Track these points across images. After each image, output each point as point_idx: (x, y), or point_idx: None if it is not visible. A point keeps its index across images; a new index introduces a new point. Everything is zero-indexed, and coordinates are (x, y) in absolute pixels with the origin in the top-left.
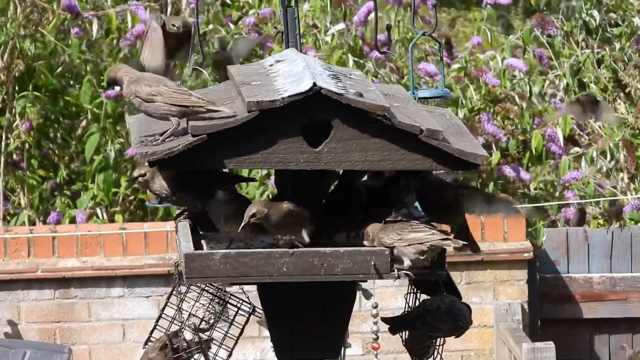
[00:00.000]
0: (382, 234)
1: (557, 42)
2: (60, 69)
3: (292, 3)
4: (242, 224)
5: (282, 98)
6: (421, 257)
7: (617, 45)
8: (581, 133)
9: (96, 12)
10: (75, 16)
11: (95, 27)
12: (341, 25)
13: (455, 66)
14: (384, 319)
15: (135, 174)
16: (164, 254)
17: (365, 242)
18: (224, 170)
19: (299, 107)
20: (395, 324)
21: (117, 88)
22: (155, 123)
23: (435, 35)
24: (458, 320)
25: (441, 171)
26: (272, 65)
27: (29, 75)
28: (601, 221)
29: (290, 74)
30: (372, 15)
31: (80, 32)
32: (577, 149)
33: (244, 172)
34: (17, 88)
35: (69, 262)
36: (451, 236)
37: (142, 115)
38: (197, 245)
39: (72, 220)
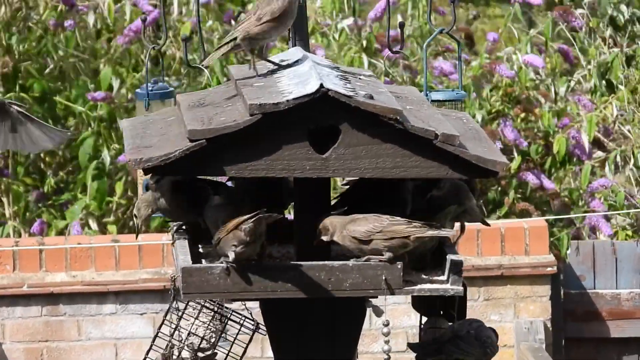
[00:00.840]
0: (351, 227)
1: (579, 37)
2: (49, 68)
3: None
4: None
5: (287, 100)
6: (400, 251)
7: None
8: (606, 140)
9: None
10: (70, 7)
11: (91, 18)
12: (350, 20)
13: (474, 63)
14: (411, 345)
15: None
16: (159, 268)
17: (323, 238)
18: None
19: (305, 110)
20: (427, 350)
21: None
22: (150, 127)
23: (453, 33)
24: (487, 347)
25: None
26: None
27: (15, 74)
28: (630, 232)
29: (296, 74)
30: (381, 6)
31: (74, 25)
32: (600, 153)
33: None
34: (2, 88)
35: (57, 276)
36: (436, 225)
37: (135, 119)
38: (196, 259)
39: (60, 232)
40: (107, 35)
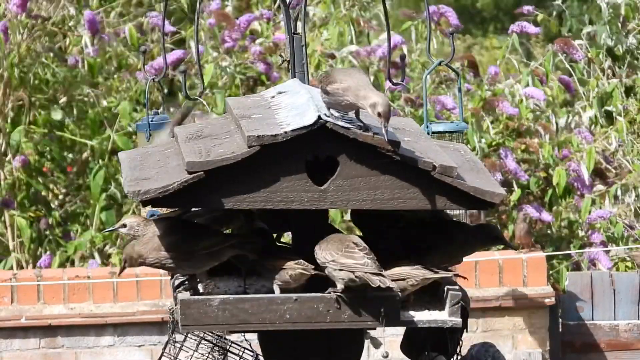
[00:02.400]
0: (317, 248)
1: (579, 67)
2: (62, 101)
3: (300, 30)
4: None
5: (285, 132)
6: (352, 285)
7: None
8: (609, 167)
9: (116, 28)
10: (94, 34)
11: (114, 45)
12: (353, 48)
13: (477, 93)
14: None
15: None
16: (157, 300)
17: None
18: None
19: (303, 141)
20: None
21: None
22: (148, 159)
23: (453, 62)
24: None
25: (455, 211)
26: (274, 97)
27: (32, 106)
28: (629, 264)
29: (294, 106)
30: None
31: (97, 51)
32: (600, 186)
33: None
34: (10, 121)
35: (55, 308)
36: (384, 273)
37: (133, 151)
38: (194, 290)
39: (62, 264)
40: (125, 68)
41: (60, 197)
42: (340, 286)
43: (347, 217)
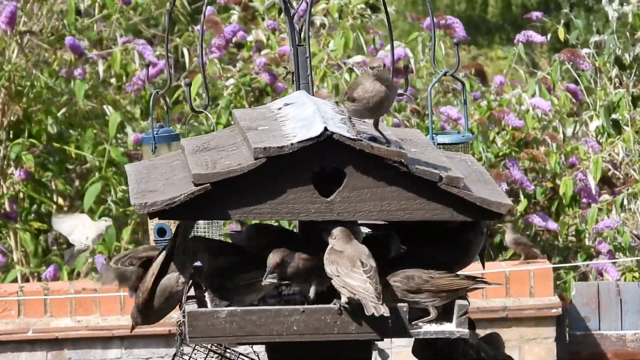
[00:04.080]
0: (326, 257)
1: (586, 76)
2: (61, 112)
3: (304, 41)
4: (266, 275)
5: (292, 144)
6: (353, 301)
7: None
8: (617, 173)
9: (101, 51)
10: (79, 56)
11: (101, 68)
12: (359, 58)
13: (484, 103)
14: None
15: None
16: None
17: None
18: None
19: (310, 153)
20: None
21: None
22: (154, 171)
23: (459, 72)
24: None
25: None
26: (280, 108)
27: (28, 119)
28: (637, 274)
29: (300, 118)
30: (393, 51)
31: (84, 74)
32: (606, 196)
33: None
34: (11, 134)
35: (62, 321)
36: (380, 299)
37: (139, 163)
38: (201, 303)
39: (69, 277)
40: (117, 84)
41: (65, 209)
42: (344, 299)
43: None
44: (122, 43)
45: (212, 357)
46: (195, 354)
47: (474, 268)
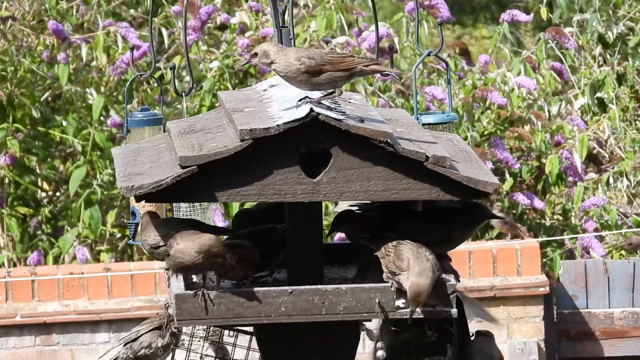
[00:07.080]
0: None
1: (570, 55)
2: (44, 96)
3: (287, 23)
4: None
5: (277, 125)
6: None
7: (637, 62)
8: (601, 151)
9: (84, 34)
10: (62, 40)
11: (84, 51)
12: (343, 39)
13: (468, 82)
14: None
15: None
16: (152, 296)
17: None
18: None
19: (296, 134)
20: None
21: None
22: (141, 154)
23: (443, 52)
24: None
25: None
26: (265, 90)
27: (11, 105)
28: (623, 252)
29: (286, 99)
30: (377, 31)
31: (67, 58)
32: (592, 174)
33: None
34: None
35: (50, 306)
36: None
37: (126, 146)
38: (189, 285)
39: (55, 260)
40: (99, 66)
41: (50, 192)
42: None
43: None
44: (104, 27)
45: (208, 347)
46: (192, 345)
47: (461, 247)
